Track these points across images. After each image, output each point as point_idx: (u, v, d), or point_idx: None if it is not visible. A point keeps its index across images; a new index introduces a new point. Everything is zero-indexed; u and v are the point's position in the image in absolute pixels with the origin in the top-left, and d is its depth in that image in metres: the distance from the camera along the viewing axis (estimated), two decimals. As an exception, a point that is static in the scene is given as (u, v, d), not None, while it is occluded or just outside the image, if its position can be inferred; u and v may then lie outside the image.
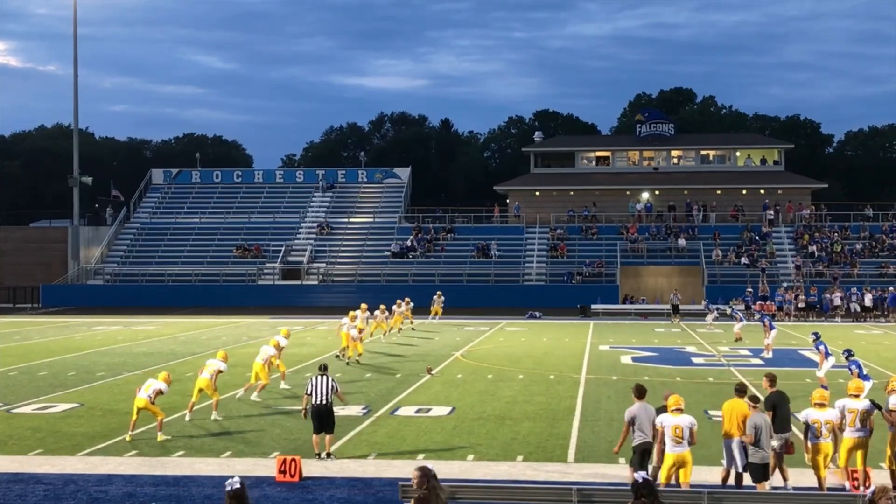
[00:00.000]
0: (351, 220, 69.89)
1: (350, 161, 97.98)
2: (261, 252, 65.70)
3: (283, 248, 65.45)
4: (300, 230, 68.56)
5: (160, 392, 18.55)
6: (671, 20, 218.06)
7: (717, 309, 46.79)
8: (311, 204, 71.82)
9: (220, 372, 20.67)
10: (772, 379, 15.36)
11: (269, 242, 66.54)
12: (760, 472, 13.54)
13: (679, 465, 13.36)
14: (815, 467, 14.05)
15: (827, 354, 24.59)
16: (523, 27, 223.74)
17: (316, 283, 63.04)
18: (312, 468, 15.82)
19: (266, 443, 18.18)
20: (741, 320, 39.37)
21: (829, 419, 13.99)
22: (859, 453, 14.19)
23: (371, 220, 69.82)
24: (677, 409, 13.54)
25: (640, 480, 9.56)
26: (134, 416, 18.60)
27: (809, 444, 14.05)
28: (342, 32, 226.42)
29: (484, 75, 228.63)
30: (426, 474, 9.58)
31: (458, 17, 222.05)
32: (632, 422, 13.95)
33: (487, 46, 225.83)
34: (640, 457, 13.84)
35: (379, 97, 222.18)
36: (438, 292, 48.70)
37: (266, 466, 16.01)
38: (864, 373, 20.46)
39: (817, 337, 25.49)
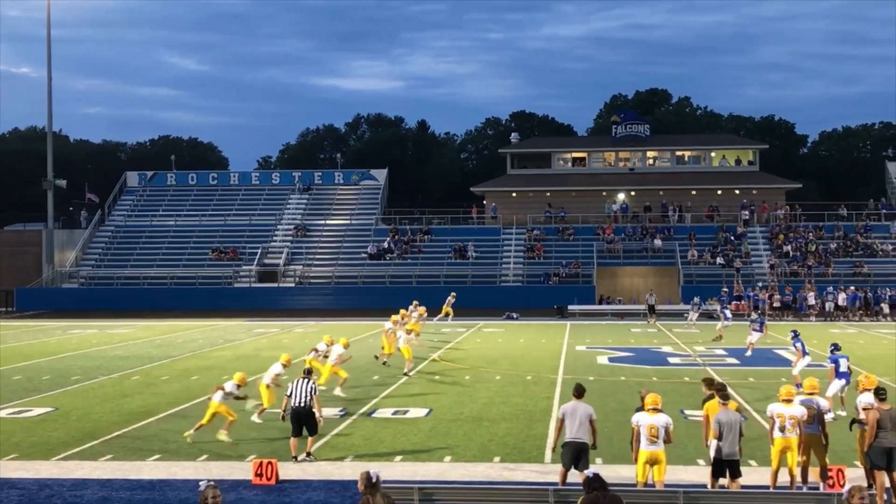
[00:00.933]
0: (327, 222, 69.78)
1: (326, 163, 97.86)
2: (237, 254, 65.50)
3: (259, 251, 65.28)
4: (276, 232, 68.40)
5: (232, 393, 18.80)
6: (647, 21, 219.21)
7: (700, 308, 47.00)
8: (288, 206, 71.66)
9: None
10: (709, 383, 15.56)
11: (246, 245, 66.36)
12: (726, 468, 13.69)
13: (652, 462, 13.46)
14: (781, 462, 14.18)
15: (804, 353, 24.74)
16: (500, 28, 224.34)
17: (292, 285, 62.89)
18: (289, 471, 15.78)
19: (242, 446, 18.11)
20: (726, 319, 39.55)
21: (794, 415, 14.13)
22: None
23: (348, 221, 69.73)
24: (654, 409, 13.64)
25: (591, 476, 10.04)
26: (205, 420, 18.41)
27: (774, 438, 14.19)
28: (318, 34, 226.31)
29: (460, 77, 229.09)
30: (365, 480, 10.01)
31: (434, 18, 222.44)
32: (562, 419, 14.24)
33: (464, 48, 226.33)
34: (570, 454, 14.04)
35: (355, 99, 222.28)
36: (452, 293, 48.45)
37: (242, 470, 15.95)
38: (843, 371, 20.60)
39: (796, 335, 25.61)
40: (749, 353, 32.73)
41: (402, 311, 32.95)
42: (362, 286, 61.06)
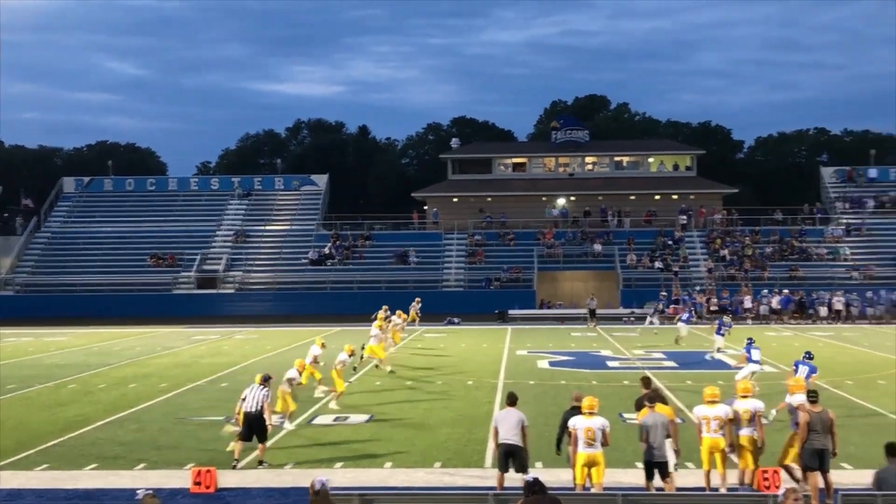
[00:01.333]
0: (268, 227, 69.35)
1: (266, 168, 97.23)
2: (175, 261, 64.84)
3: (198, 257, 64.68)
4: (216, 238, 67.83)
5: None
6: (586, 28, 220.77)
7: (657, 311, 47.50)
8: (227, 212, 71.10)
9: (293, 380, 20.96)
10: (646, 382, 16.19)
11: (184, 251, 65.70)
12: (654, 470, 13.90)
13: (590, 464, 13.62)
14: (711, 463, 14.42)
15: (749, 360, 24.80)
16: (440, 34, 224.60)
17: (233, 291, 62.44)
18: (228, 479, 15.69)
19: (181, 454, 17.96)
20: (686, 322, 40.04)
21: (718, 415, 14.40)
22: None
23: (288, 227, 69.35)
24: (590, 412, 13.81)
25: (531, 480, 10.33)
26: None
27: (702, 438, 14.45)
28: (258, 39, 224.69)
29: (401, 82, 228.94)
30: (311, 488, 10.16)
31: (374, 23, 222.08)
32: (496, 426, 14.64)
33: (405, 53, 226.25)
34: (502, 456, 14.39)
35: (295, 104, 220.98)
36: (418, 298, 48.45)
37: (180, 478, 15.81)
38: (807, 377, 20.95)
39: (750, 342, 25.43)
40: (712, 356, 33.23)
41: (400, 313, 33.05)
42: (303, 292, 60.76)
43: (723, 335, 34.38)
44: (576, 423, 13.82)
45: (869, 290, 54.50)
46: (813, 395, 14.48)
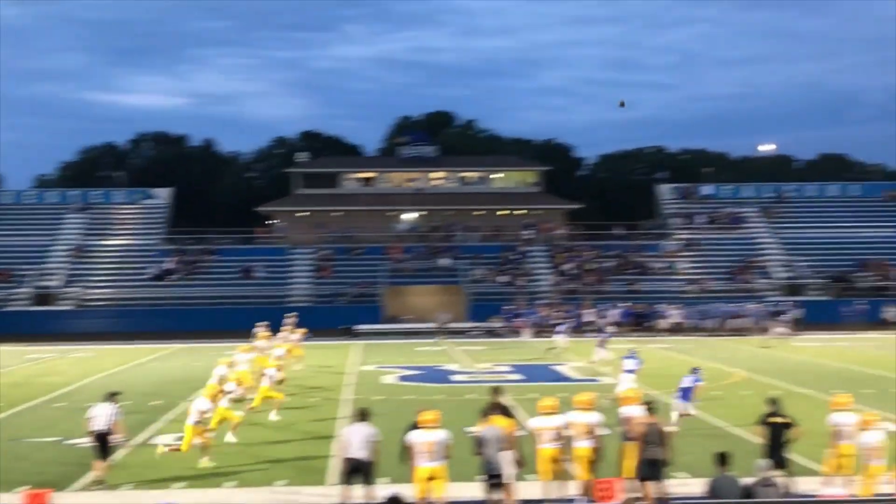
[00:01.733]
0: (108, 242, 67.37)
1: (107, 181, 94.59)
2: (10, 276, 62.32)
3: (34, 273, 62.37)
4: (53, 253, 65.51)
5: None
6: (433, 44, 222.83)
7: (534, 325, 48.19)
8: (65, 226, 68.77)
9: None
10: (495, 391, 16.41)
11: (20, 266, 63.21)
12: (493, 482, 14.14)
13: (430, 478, 13.69)
14: (548, 474, 14.73)
15: (626, 370, 24.75)
16: (287, 47, 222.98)
17: (71, 308, 60.37)
18: (65, 499, 15.16)
19: (13, 477, 17.25)
20: (563, 334, 40.62)
21: (555, 426, 14.72)
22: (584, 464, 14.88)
23: (129, 242, 67.52)
24: (429, 426, 13.88)
25: (392, 496, 10.34)
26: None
27: (539, 449, 14.76)
28: (98, 48, 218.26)
29: (248, 95, 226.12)
30: None
31: (220, 35, 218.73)
32: (345, 441, 14.66)
33: (251, 65, 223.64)
34: (346, 469, 14.41)
35: (138, 115, 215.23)
36: (294, 313, 47.58)
37: (12, 502, 15.20)
38: (684, 394, 21.51)
39: (631, 355, 25.92)
40: (592, 364, 33.90)
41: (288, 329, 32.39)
42: (145, 309, 59.25)
43: (605, 348, 34.58)
44: (415, 437, 13.89)
45: (704, 304, 56.57)
46: (650, 407, 14.94)
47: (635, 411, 15.26)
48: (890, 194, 72.22)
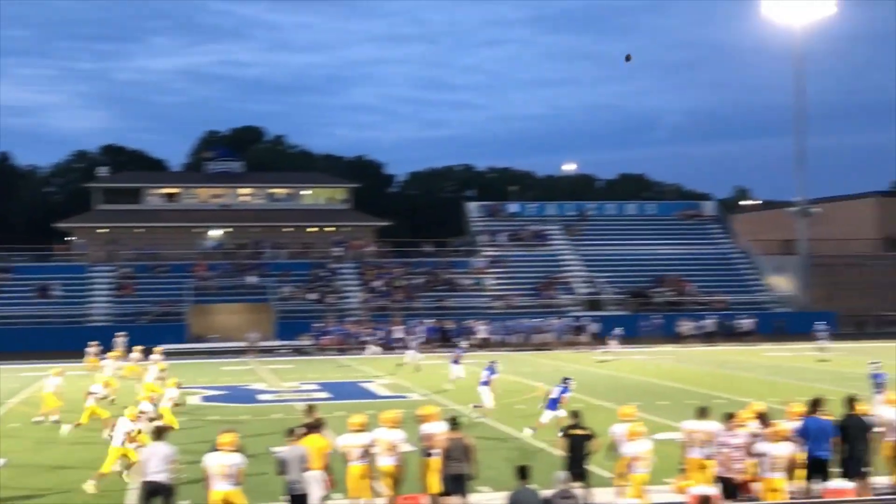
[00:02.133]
0: None
1: None
2: None
3: None
4: None
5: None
6: (241, 58, 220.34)
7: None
8: None
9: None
10: (309, 410, 16.59)
11: None
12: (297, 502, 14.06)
13: (225, 501, 13.41)
14: (356, 491, 14.74)
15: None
16: (90, 58, 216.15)
17: None
18: None
19: None
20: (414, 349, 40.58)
21: (362, 443, 14.76)
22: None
23: (-86, 259, 63.72)
24: (226, 449, 13.57)
25: None
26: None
27: (349, 468, 14.76)
28: None
29: (46, 106, 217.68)
30: None
31: (18, 45, 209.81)
32: (142, 461, 14.06)
33: (51, 76, 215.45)
34: (147, 495, 13.70)
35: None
36: (125, 332, 45.57)
37: None
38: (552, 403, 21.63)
39: (489, 368, 26.11)
40: (450, 385, 33.28)
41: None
42: (-69, 330, 56.00)
43: (459, 364, 34.20)
44: (210, 460, 13.58)
45: (510, 319, 57.81)
46: (455, 422, 15.11)
47: (436, 427, 15.38)
48: (685, 213, 75.74)
